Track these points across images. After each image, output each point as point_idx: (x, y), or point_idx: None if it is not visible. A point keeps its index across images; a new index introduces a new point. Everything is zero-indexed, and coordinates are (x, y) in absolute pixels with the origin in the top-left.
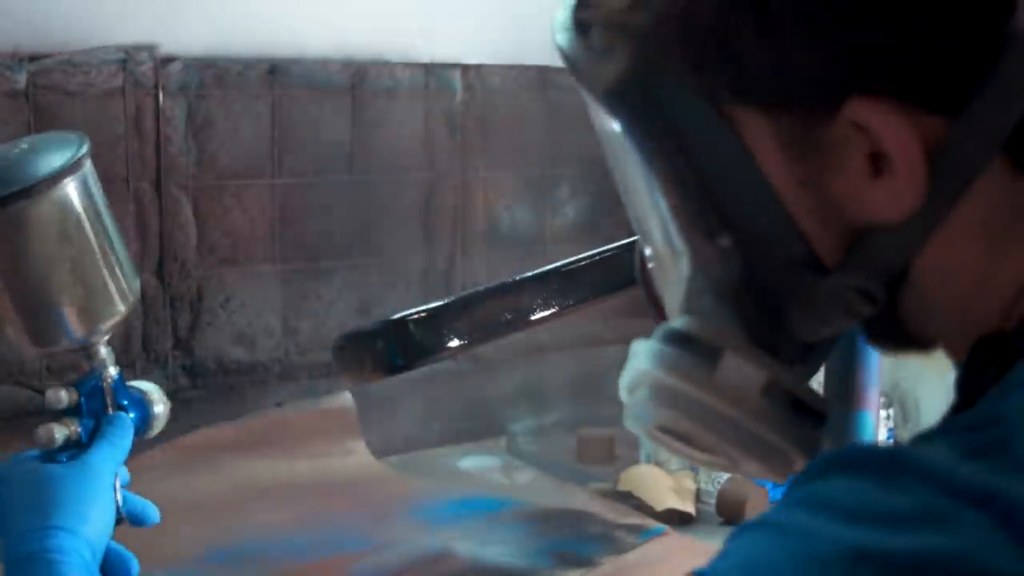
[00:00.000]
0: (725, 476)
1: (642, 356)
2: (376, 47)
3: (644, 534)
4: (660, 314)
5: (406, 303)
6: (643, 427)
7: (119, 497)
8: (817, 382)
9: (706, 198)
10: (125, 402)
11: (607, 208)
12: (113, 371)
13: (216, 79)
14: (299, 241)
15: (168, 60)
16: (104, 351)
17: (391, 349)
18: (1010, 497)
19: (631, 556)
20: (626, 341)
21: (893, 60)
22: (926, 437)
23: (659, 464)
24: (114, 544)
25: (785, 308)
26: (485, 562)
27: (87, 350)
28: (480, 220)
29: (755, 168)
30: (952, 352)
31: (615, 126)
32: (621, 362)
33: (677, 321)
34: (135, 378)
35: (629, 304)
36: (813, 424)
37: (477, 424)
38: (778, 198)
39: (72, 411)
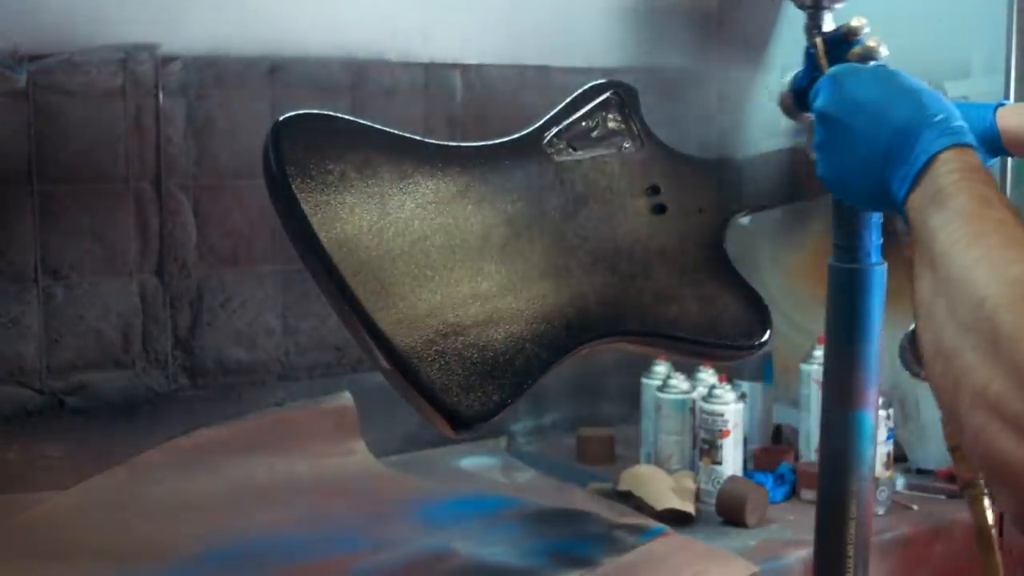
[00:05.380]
0: (725, 476)
1: None
2: (376, 47)
3: (644, 534)
4: None
5: None
6: None
7: None
8: (817, 381)
9: None
10: None
11: None
12: None
13: (216, 79)
14: None
15: (168, 60)
16: None
17: None
18: None
19: (631, 556)
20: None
21: None
22: None
23: (659, 464)
24: None
25: None
26: (485, 562)
27: None
28: None
29: None
30: None
31: None
32: (621, 362)
33: None
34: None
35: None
36: None
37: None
38: None
39: None
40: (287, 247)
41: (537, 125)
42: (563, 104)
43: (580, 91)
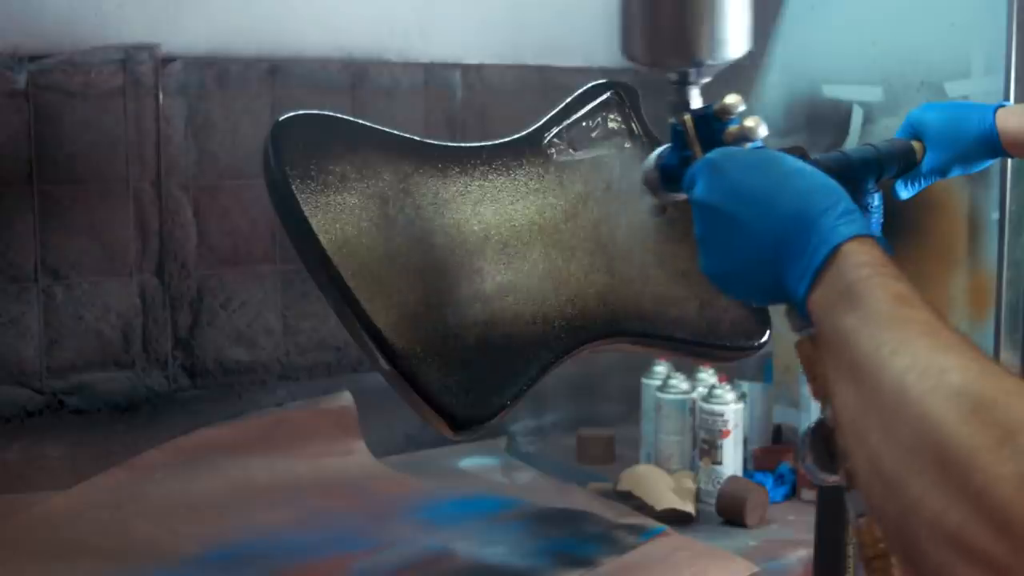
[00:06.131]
0: (725, 476)
1: None
2: (376, 47)
3: (644, 534)
4: None
5: None
6: None
7: None
8: None
9: None
10: None
11: None
12: None
13: (216, 79)
14: None
15: (168, 60)
16: None
17: None
18: None
19: (631, 556)
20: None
21: None
22: None
23: (659, 464)
24: None
25: None
26: (485, 562)
27: None
28: None
29: None
30: None
31: None
32: (621, 362)
33: None
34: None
35: None
36: None
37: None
38: None
39: None
40: (287, 247)
41: (537, 125)
42: (563, 104)
43: (580, 91)
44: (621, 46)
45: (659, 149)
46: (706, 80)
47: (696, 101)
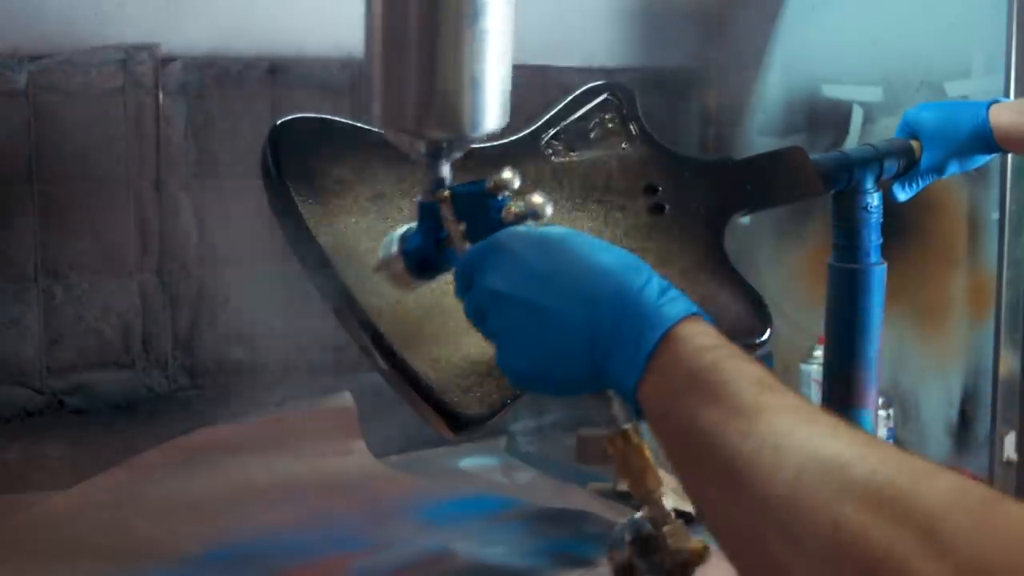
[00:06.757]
0: None
1: None
2: None
3: None
4: None
5: None
6: None
7: None
8: (817, 381)
9: None
10: None
11: None
12: None
13: (216, 79)
14: None
15: (168, 60)
16: None
17: None
18: None
19: None
20: None
21: None
22: None
23: (659, 464)
24: None
25: None
26: (485, 562)
27: None
28: None
29: None
30: None
31: None
32: None
33: None
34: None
35: None
36: None
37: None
38: None
39: None
40: (287, 247)
41: (535, 127)
42: (560, 106)
43: (577, 93)
44: (364, 108)
45: (396, 232)
46: (458, 155)
47: (449, 176)
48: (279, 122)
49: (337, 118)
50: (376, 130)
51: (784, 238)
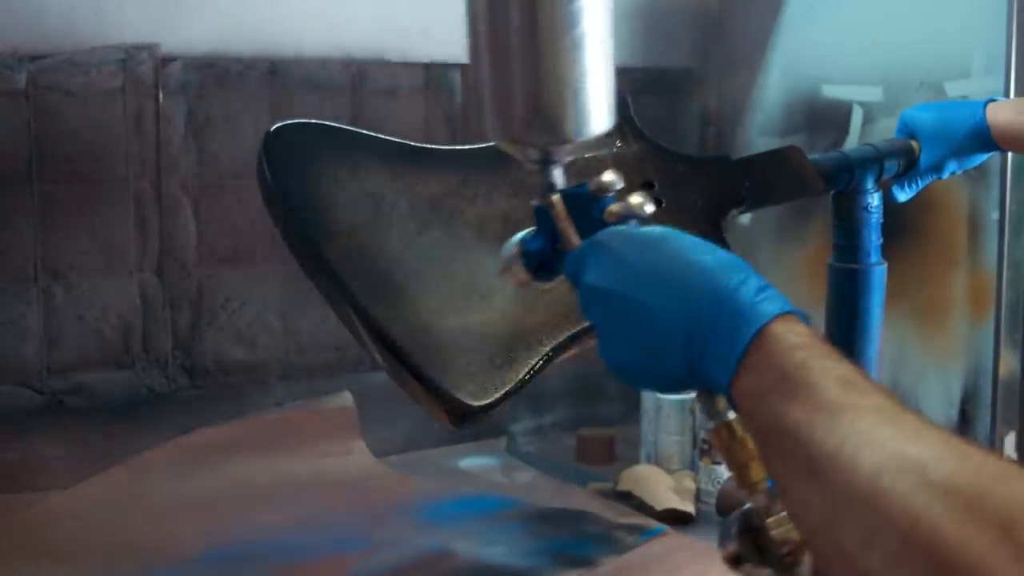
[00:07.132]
0: (725, 476)
1: None
2: (376, 47)
3: (644, 534)
4: None
5: None
6: None
7: None
8: None
9: None
10: None
11: None
12: None
13: (216, 79)
14: None
15: (168, 60)
16: None
17: None
18: None
19: (631, 556)
20: None
21: None
22: None
23: (659, 464)
24: None
25: None
26: (485, 562)
27: None
28: None
29: None
30: None
31: None
32: None
33: None
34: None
35: None
36: None
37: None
38: None
39: None
40: (287, 247)
41: None
42: None
43: None
44: (475, 121)
45: (517, 236)
46: (569, 159)
47: (560, 180)
48: (274, 127)
49: (333, 123)
50: (373, 134)
51: (784, 238)
